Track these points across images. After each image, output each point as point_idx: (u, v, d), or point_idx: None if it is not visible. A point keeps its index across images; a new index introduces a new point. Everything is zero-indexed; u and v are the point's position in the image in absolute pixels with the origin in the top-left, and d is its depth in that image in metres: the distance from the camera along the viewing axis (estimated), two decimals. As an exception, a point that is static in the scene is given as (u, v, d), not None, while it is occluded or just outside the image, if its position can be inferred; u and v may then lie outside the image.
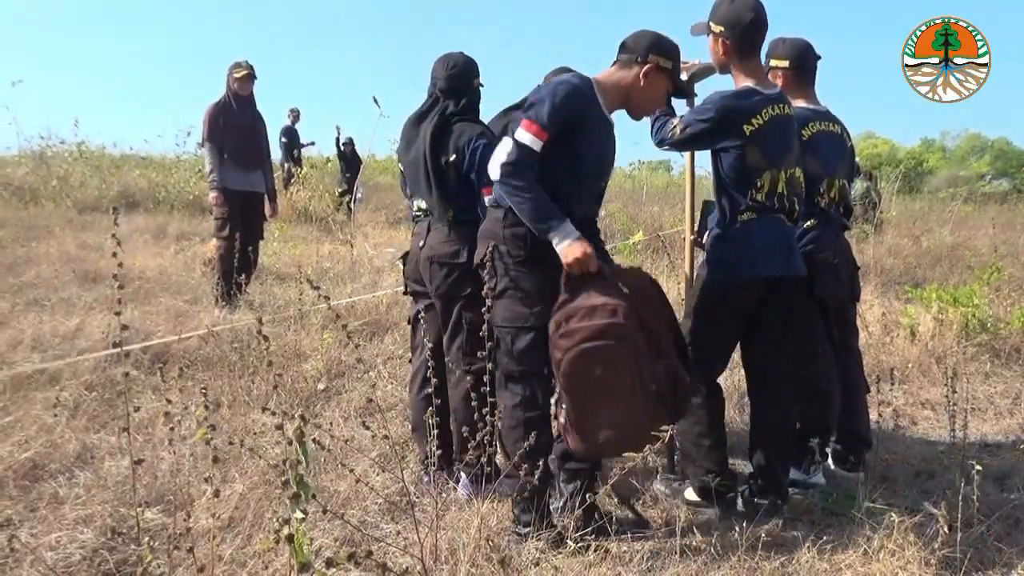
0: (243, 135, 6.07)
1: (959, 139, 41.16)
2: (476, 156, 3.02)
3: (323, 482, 3.08)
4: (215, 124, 6.00)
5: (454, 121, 3.12)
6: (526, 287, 2.63)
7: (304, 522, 1.74)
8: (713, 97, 2.82)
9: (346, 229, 9.27)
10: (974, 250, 8.75)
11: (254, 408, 3.82)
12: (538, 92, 2.67)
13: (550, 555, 2.50)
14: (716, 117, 2.77)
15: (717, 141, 2.84)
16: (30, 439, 3.29)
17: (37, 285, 6.33)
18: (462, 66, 3.16)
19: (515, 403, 2.63)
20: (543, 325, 2.58)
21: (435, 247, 3.11)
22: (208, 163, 6.02)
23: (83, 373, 4.07)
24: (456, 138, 3.07)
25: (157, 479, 2.99)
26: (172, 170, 13.59)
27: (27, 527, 2.65)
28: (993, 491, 3.15)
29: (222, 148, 5.97)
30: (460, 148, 3.05)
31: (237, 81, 6.04)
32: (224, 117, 6.02)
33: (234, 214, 6.02)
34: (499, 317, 2.64)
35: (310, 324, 5.13)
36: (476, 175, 3.04)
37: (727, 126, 2.79)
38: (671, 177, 21.77)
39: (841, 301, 3.35)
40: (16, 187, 11.58)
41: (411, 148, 3.19)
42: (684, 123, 2.82)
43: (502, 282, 2.65)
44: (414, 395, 3.32)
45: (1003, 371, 4.94)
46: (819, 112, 3.28)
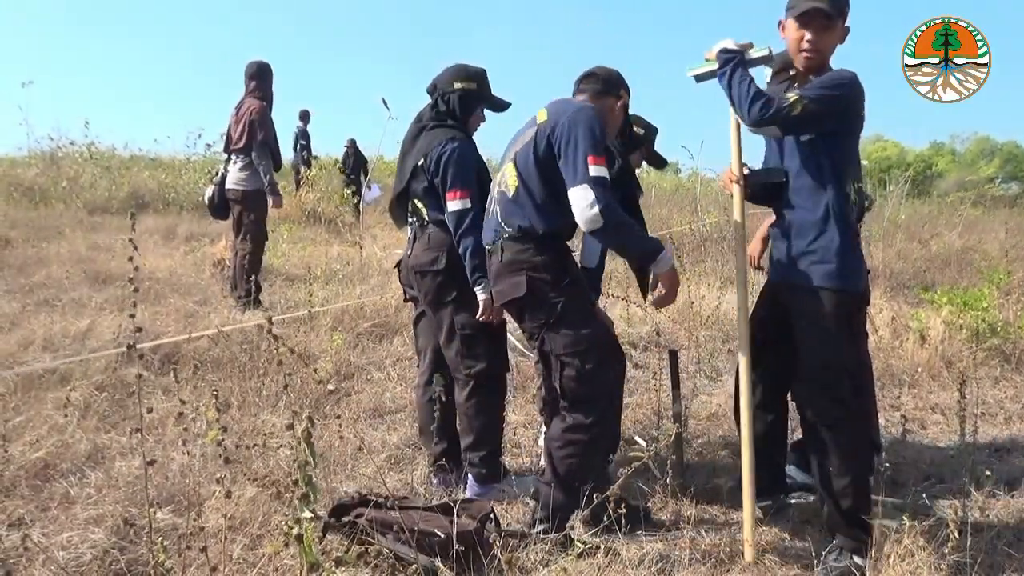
0: (277, 138, 6.29)
1: (968, 142, 40.99)
2: (440, 162, 3.02)
3: (333, 483, 3.09)
4: (271, 127, 6.13)
5: (430, 127, 3.13)
6: (578, 309, 2.62)
7: (312, 522, 1.75)
8: (845, 73, 2.53)
9: (355, 231, 9.28)
10: (984, 254, 8.71)
11: (264, 409, 3.83)
12: (562, 123, 2.58)
13: (559, 557, 2.51)
14: (850, 95, 2.50)
15: (839, 122, 2.53)
16: (41, 439, 3.31)
17: (48, 286, 6.37)
18: (447, 70, 3.17)
19: (586, 423, 2.60)
20: (600, 343, 2.61)
21: (417, 255, 3.15)
22: (264, 167, 6.04)
23: (94, 373, 4.10)
24: (428, 143, 3.08)
25: (168, 479, 3.00)
26: (182, 171, 13.63)
27: (39, 527, 2.67)
28: (1003, 496, 3.13)
29: (272, 152, 6.14)
30: (428, 153, 3.06)
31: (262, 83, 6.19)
32: (272, 121, 6.17)
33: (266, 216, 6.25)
34: (560, 346, 2.60)
35: (319, 325, 5.15)
36: (440, 180, 3.03)
37: (857, 108, 2.54)
38: (679, 180, 21.73)
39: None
40: (27, 188, 11.63)
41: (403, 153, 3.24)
42: (809, 96, 2.44)
43: (552, 312, 2.60)
44: (420, 398, 3.34)
45: (1013, 376, 4.92)
46: None
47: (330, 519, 2.56)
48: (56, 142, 13.82)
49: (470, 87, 3.13)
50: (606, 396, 2.64)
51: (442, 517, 2.50)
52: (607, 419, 2.66)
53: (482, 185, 3.04)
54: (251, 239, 6.10)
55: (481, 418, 3.10)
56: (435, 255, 3.08)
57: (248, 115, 6.01)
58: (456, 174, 2.99)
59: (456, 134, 3.08)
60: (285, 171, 14.30)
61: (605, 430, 2.66)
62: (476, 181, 3.03)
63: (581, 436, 2.60)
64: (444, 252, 3.05)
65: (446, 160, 2.99)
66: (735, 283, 3.00)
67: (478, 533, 2.48)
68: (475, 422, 3.10)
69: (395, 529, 2.43)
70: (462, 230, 2.96)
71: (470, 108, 3.15)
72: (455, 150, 3.00)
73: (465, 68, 3.17)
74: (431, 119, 3.15)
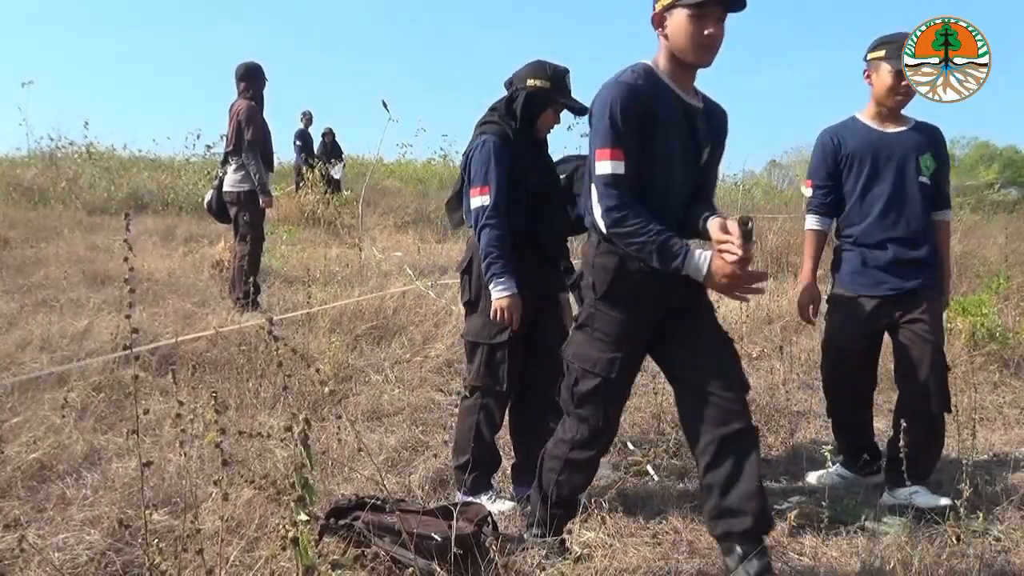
0: (269, 138, 6.24)
1: (968, 148, 41.03)
2: (468, 157, 2.99)
3: (330, 486, 3.08)
4: (261, 127, 6.11)
5: (479, 122, 3.08)
6: (602, 327, 2.35)
7: (309, 525, 1.74)
8: None
9: (354, 233, 9.28)
10: (983, 259, 8.70)
11: (261, 410, 3.82)
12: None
13: (555, 561, 2.50)
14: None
15: None
16: (38, 440, 3.30)
17: (46, 286, 6.36)
18: (527, 65, 3.04)
19: (567, 439, 2.45)
20: (609, 376, 2.33)
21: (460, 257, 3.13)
22: (255, 167, 6.02)
23: (91, 374, 4.09)
24: (471, 141, 3.05)
25: (164, 481, 3.00)
26: (181, 172, 13.64)
27: (35, 528, 2.66)
28: (1002, 501, 3.13)
29: (263, 152, 6.10)
30: (467, 151, 3.04)
31: (254, 84, 6.18)
32: (262, 120, 6.15)
33: (261, 216, 6.19)
34: (570, 351, 2.43)
35: (317, 327, 5.14)
36: (467, 176, 2.99)
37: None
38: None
39: None
40: (26, 188, 11.62)
41: None
42: None
43: (583, 314, 2.41)
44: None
45: (1012, 381, 4.92)
46: None
47: (327, 521, 2.55)
48: (55, 142, 13.87)
49: (542, 85, 2.97)
50: (593, 421, 2.46)
51: (440, 520, 2.49)
52: (587, 444, 2.49)
53: (520, 182, 2.94)
54: (248, 240, 6.09)
55: (461, 425, 3.07)
56: (468, 256, 3.06)
57: (237, 116, 6.04)
58: (478, 170, 2.91)
59: (490, 128, 2.98)
60: (286, 172, 14.35)
61: (584, 452, 2.51)
62: (505, 176, 2.91)
63: (564, 449, 2.52)
64: (472, 254, 3.00)
65: (472, 155, 2.95)
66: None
67: (475, 537, 2.48)
68: (458, 427, 3.09)
69: (392, 532, 2.43)
70: (479, 227, 2.88)
71: (538, 107, 2.99)
72: (482, 143, 2.93)
73: (543, 65, 3.02)
74: (485, 114, 3.08)
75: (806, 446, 3.78)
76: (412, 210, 13.13)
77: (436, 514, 2.56)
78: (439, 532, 2.41)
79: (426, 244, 10.50)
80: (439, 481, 3.24)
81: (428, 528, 2.45)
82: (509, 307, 2.84)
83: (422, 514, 2.58)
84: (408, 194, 15.48)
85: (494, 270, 2.83)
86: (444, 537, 2.37)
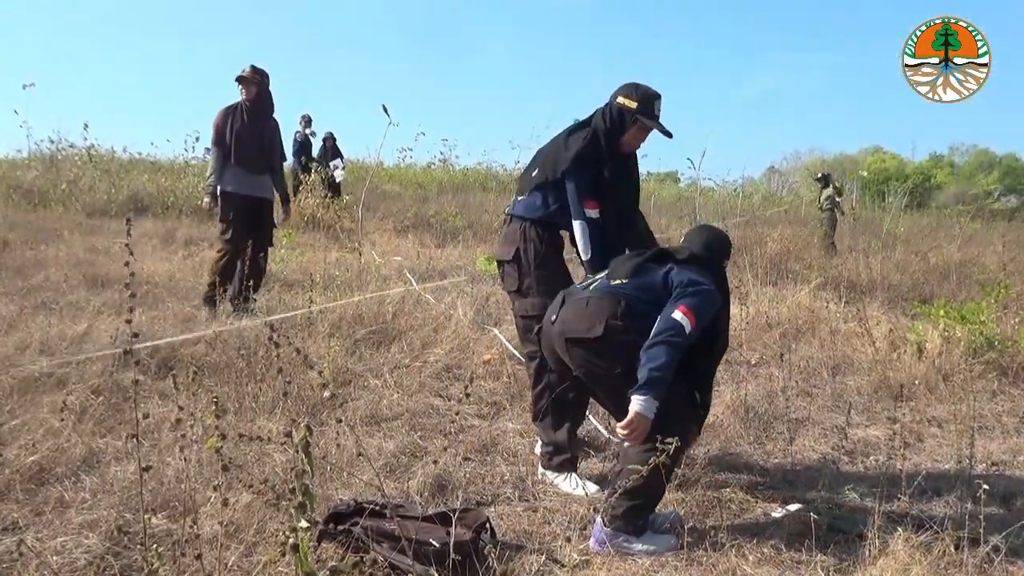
0: (252, 140, 6.06)
1: (968, 155, 41.16)
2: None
3: (328, 491, 3.08)
4: (221, 128, 6.04)
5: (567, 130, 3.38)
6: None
7: (308, 531, 1.74)
8: None
9: (354, 237, 9.28)
10: (982, 267, 8.72)
11: (260, 414, 3.82)
12: None
13: (554, 568, 2.50)
14: None
15: None
16: (37, 443, 3.29)
17: (45, 288, 6.36)
18: (624, 84, 3.29)
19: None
20: None
21: (497, 248, 3.48)
22: (211, 166, 6.05)
23: (90, 377, 4.08)
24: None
25: (163, 485, 2.99)
26: (181, 175, 13.65)
27: (33, 531, 2.66)
28: (1000, 510, 3.13)
29: (228, 152, 5.99)
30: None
31: (240, 86, 6.12)
32: (232, 122, 6.04)
33: (238, 219, 6.00)
34: None
35: (316, 332, 5.14)
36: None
37: None
38: (680, 189, 21.77)
39: None
40: (26, 190, 11.63)
41: None
42: None
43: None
44: None
45: (1010, 389, 4.92)
46: None
47: (326, 527, 2.55)
48: (56, 145, 13.90)
49: (630, 105, 3.20)
50: None
51: (439, 527, 2.49)
52: None
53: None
54: (218, 244, 6.15)
55: (544, 398, 3.29)
56: (513, 246, 3.32)
57: None
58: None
59: (582, 134, 3.26)
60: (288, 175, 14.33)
61: None
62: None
63: None
64: (514, 245, 3.30)
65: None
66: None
67: (474, 543, 2.48)
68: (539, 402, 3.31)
69: (391, 538, 2.43)
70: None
71: (624, 124, 3.22)
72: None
73: (635, 87, 3.25)
74: (578, 125, 3.34)
75: (805, 453, 3.79)
76: (412, 214, 13.13)
77: (435, 520, 2.56)
78: (438, 538, 2.41)
79: (425, 249, 10.51)
80: (438, 487, 3.23)
81: (427, 534, 2.45)
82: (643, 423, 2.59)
83: (421, 520, 2.58)
84: (408, 198, 15.49)
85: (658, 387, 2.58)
86: (443, 543, 2.37)
